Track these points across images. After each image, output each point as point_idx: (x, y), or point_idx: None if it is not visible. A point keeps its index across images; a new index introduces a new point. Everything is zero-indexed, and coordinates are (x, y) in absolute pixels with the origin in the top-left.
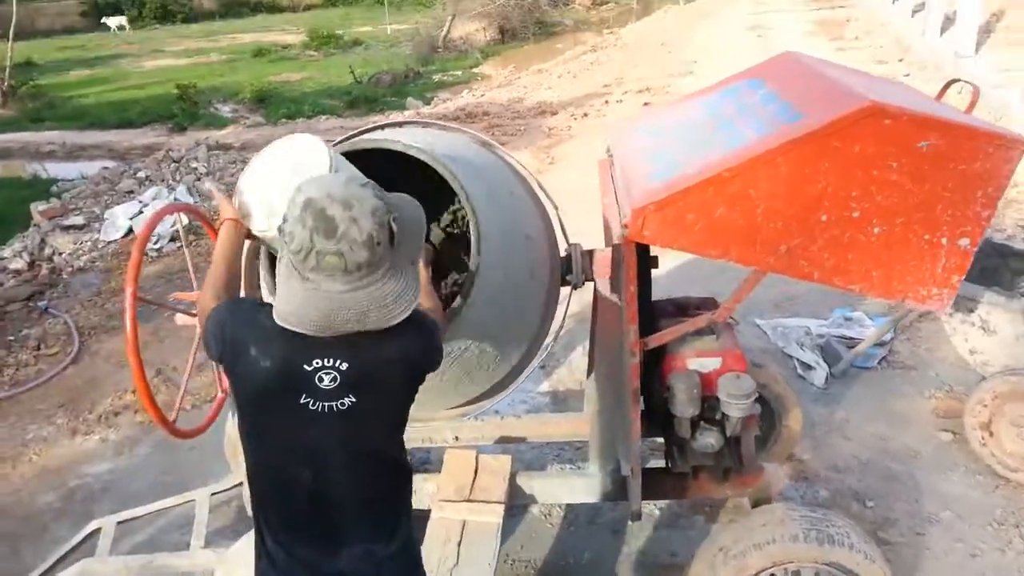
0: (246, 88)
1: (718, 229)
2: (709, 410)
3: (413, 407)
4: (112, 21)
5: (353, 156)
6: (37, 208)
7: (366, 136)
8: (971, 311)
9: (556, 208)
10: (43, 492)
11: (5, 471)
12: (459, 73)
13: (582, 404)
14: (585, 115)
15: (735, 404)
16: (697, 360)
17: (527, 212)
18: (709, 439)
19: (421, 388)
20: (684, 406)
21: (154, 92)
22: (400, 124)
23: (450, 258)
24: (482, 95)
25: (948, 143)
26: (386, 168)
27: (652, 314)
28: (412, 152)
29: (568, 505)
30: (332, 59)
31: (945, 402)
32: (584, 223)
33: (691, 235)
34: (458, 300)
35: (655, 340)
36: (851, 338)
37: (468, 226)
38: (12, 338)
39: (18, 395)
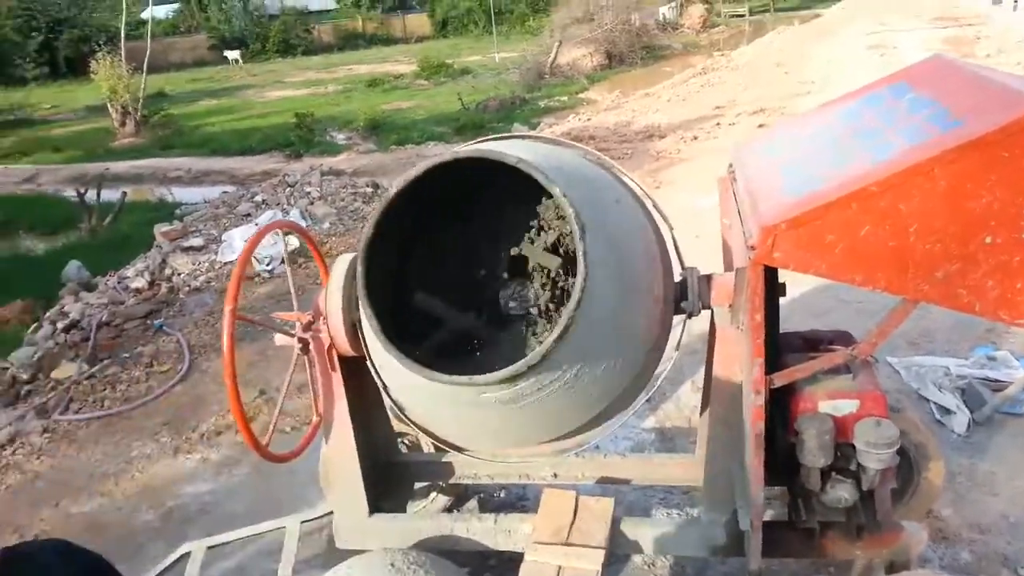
0: (360, 116)
1: (863, 251)
2: (842, 459)
3: (506, 440)
4: (230, 55)
5: (461, 166)
6: (160, 229)
7: (478, 147)
8: None
9: (671, 229)
10: (142, 511)
11: (108, 488)
12: (565, 99)
13: (690, 443)
14: (695, 138)
15: (875, 454)
16: (830, 402)
17: (640, 232)
18: (842, 492)
19: (519, 418)
20: (815, 454)
21: (274, 121)
22: (514, 137)
23: (559, 276)
24: (588, 119)
25: None
26: (493, 179)
27: (777, 348)
28: (520, 166)
29: (675, 555)
30: (441, 87)
31: None
32: (693, 248)
33: (830, 258)
34: (562, 324)
35: (783, 377)
36: (995, 380)
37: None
38: (127, 355)
39: (127, 412)
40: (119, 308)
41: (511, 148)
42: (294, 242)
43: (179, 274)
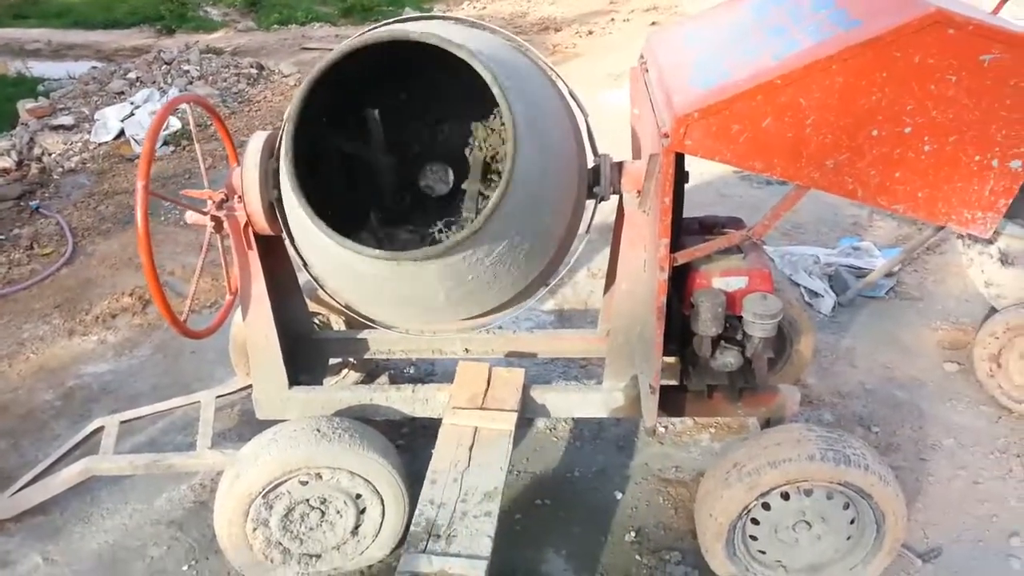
0: None
1: (764, 141)
2: (731, 329)
3: (429, 315)
4: None
5: (376, 48)
6: (25, 106)
7: (401, 27)
8: (990, 243)
9: (587, 116)
10: (41, 391)
11: (1, 369)
12: None
13: (587, 323)
14: (590, 33)
15: (759, 324)
16: (723, 279)
17: (559, 118)
18: (729, 358)
19: (450, 292)
20: (707, 324)
21: None
22: (427, 18)
23: (477, 157)
24: (483, 8)
25: (1013, 57)
26: (409, 59)
27: (678, 231)
28: (453, 49)
29: (574, 421)
30: None
31: (951, 334)
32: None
33: (735, 146)
34: (489, 204)
35: (684, 256)
36: (859, 268)
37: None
38: (3, 237)
39: (12, 294)
40: None
41: (431, 29)
42: (174, 122)
43: (50, 154)
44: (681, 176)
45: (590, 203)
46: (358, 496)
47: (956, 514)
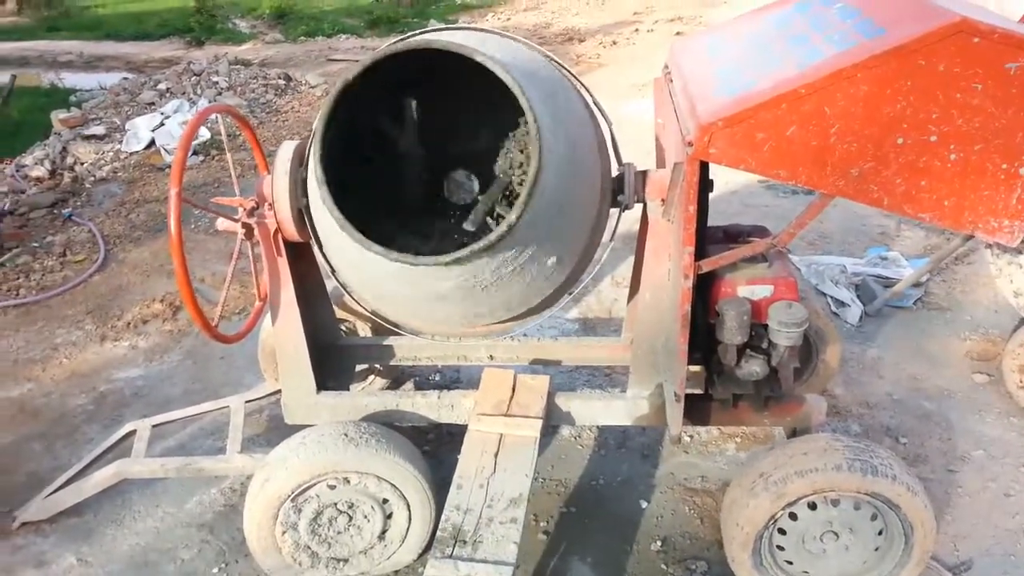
0: (264, 4)
1: (789, 149)
2: (756, 338)
3: (455, 321)
4: None
5: (406, 56)
6: (58, 116)
7: (425, 37)
8: (1020, 252)
9: (610, 125)
10: (74, 395)
11: (36, 373)
12: None
13: (611, 331)
14: (614, 43)
15: (785, 332)
16: (748, 287)
17: (583, 126)
18: (754, 367)
19: (467, 300)
20: (733, 333)
21: (171, 4)
22: (454, 28)
23: (504, 169)
24: (508, 19)
25: None
26: (437, 69)
27: (702, 240)
28: (479, 59)
29: (599, 429)
30: None
31: (980, 344)
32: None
33: (759, 155)
34: (513, 212)
35: (709, 264)
36: (887, 277)
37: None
38: (37, 244)
39: (46, 300)
40: (21, 197)
41: (455, 38)
42: (204, 132)
43: (82, 163)
44: (705, 185)
45: (614, 212)
46: (385, 501)
47: (986, 527)
